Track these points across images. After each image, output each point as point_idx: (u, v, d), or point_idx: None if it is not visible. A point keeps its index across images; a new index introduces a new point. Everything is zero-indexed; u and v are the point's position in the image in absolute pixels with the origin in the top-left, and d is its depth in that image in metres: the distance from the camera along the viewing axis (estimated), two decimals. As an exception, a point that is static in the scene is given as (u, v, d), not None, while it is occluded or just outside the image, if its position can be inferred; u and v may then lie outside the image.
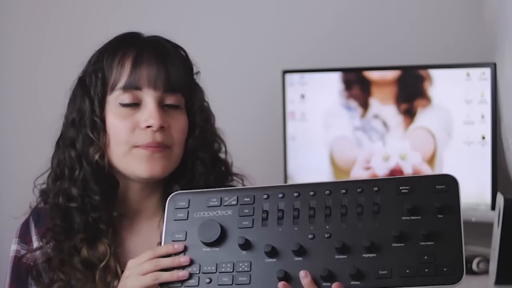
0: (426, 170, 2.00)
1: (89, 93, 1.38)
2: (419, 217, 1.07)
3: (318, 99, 2.14)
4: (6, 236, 1.47)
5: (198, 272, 1.12)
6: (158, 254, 1.16)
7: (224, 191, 1.18)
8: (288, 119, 2.18)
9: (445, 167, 1.98)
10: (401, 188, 1.09)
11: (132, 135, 1.34)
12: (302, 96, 2.16)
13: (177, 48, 1.43)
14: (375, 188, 1.10)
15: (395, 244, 1.06)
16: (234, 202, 1.15)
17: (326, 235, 1.09)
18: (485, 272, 1.83)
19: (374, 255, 1.06)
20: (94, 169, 1.36)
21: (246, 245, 1.11)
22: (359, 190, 1.11)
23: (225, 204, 1.15)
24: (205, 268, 1.12)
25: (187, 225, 1.15)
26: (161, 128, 1.34)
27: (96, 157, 1.35)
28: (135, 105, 1.35)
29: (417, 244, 1.05)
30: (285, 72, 2.17)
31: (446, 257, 1.04)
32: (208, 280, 1.11)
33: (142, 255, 1.18)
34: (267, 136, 2.30)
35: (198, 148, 1.40)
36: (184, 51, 1.44)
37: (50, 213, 1.38)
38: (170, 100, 1.36)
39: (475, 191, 1.92)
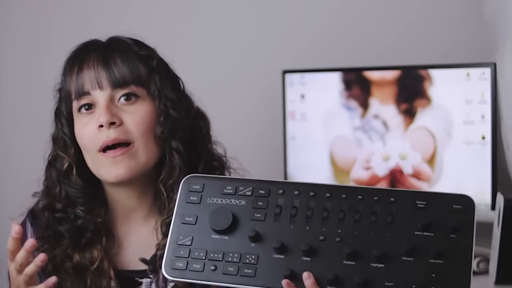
0: (426, 170, 2.00)
1: (58, 113, 1.42)
2: (432, 234, 1.07)
3: (318, 99, 2.14)
4: (5, 237, 1.47)
5: (204, 258, 1.11)
6: (15, 259, 1.19)
7: (240, 180, 1.18)
8: (288, 119, 2.18)
9: (445, 167, 1.98)
10: (417, 202, 1.09)
11: (93, 139, 1.35)
12: (302, 96, 2.16)
13: (126, 42, 1.41)
14: (392, 199, 1.10)
15: (404, 258, 1.06)
16: (249, 193, 1.15)
17: (337, 239, 1.09)
18: (485, 272, 1.83)
19: (383, 265, 1.06)
20: (70, 183, 1.39)
21: (256, 238, 1.11)
22: (375, 198, 1.11)
23: (239, 193, 1.15)
24: (211, 255, 1.11)
25: (199, 209, 1.15)
26: (113, 124, 1.33)
27: (65, 167, 1.38)
28: (90, 109, 1.36)
29: (427, 261, 1.05)
30: (285, 72, 2.17)
31: (454, 278, 1.04)
32: (213, 268, 1.10)
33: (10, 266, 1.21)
34: (267, 136, 2.30)
35: (167, 137, 1.37)
36: (137, 41, 1.42)
37: (41, 224, 1.41)
38: (121, 94, 1.35)
39: (475, 191, 1.92)
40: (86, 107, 1.36)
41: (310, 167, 2.16)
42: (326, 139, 2.14)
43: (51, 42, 2.32)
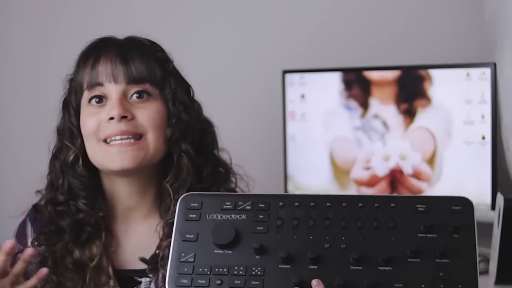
0: (426, 170, 2.00)
1: (67, 103, 1.42)
2: (435, 235, 1.08)
3: (318, 99, 2.14)
4: (4, 235, 1.47)
5: (209, 273, 1.10)
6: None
7: (238, 196, 1.19)
8: (288, 119, 2.18)
9: (445, 167, 1.98)
10: (417, 206, 1.11)
11: (98, 130, 1.35)
12: (302, 96, 2.16)
13: (144, 42, 1.43)
14: (392, 204, 1.11)
15: (411, 260, 1.07)
16: (249, 207, 1.14)
17: (342, 246, 1.09)
18: (485, 272, 1.83)
19: (390, 268, 1.07)
20: (75, 174, 1.39)
21: (260, 250, 1.10)
22: (376, 205, 1.12)
23: (239, 208, 1.14)
24: (216, 270, 1.10)
25: (199, 226, 1.14)
26: (124, 118, 1.34)
27: (71, 157, 1.38)
28: (101, 101, 1.37)
29: (433, 261, 1.06)
30: (285, 72, 2.17)
31: (461, 275, 1.05)
32: (219, 282, 1.09)
33: None
34: (267, 136, 2.30)
35: (178, 139, 1.39)
36: (155, 43, 1.44)
37: (44, 219, 1.42)
38: (135, 91, 1.36)
39: (475, 191, 1.92)
40: (97, 99, 1.37)
41: (310, 167, 2.16)
42: (326, 139, 2.14)
43: (56, 38, 2.33)
